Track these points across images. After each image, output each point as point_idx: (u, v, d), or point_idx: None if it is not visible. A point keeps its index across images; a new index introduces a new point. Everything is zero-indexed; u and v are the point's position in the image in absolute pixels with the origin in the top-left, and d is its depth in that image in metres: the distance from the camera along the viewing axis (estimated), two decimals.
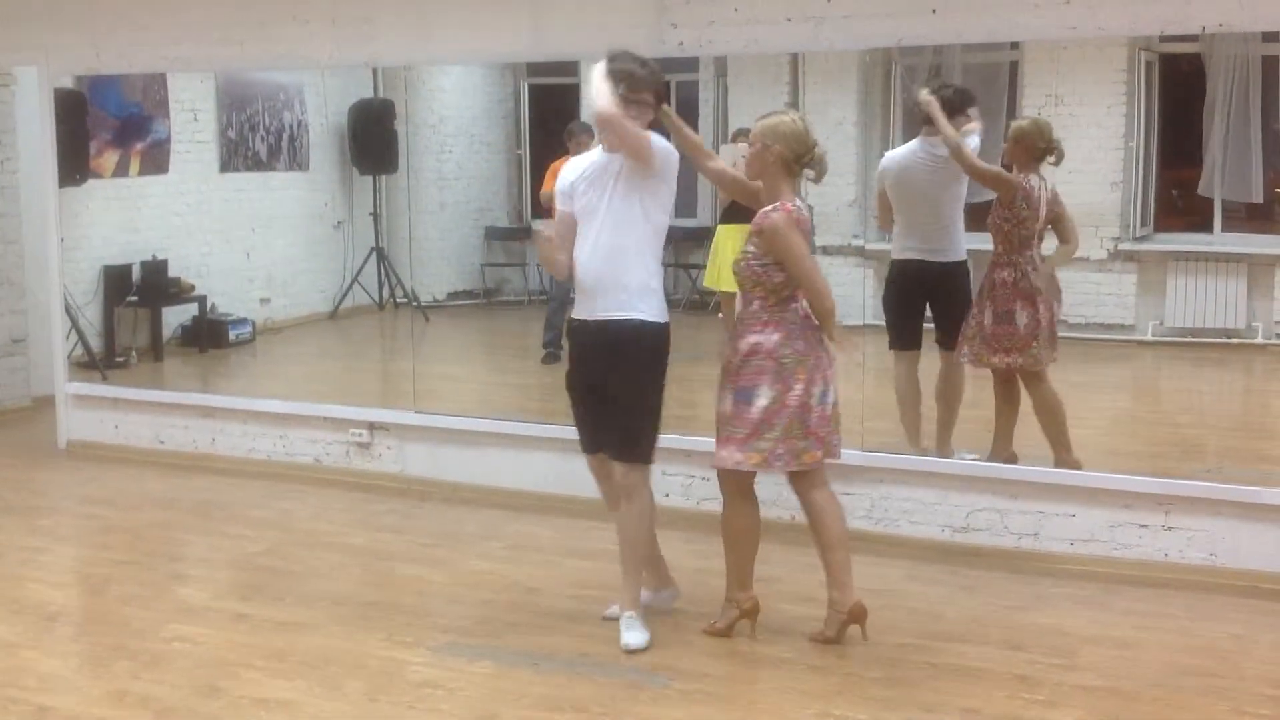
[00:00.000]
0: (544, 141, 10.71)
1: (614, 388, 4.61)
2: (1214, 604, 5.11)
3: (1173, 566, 5.37)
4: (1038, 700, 4.20)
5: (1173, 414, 8.00)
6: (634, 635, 4.64)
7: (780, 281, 4.54)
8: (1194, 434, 7.35)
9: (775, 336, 4.53)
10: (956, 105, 6.07)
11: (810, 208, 4.70)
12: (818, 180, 4.67)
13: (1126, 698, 4.22)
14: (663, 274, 4.72)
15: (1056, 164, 5.98)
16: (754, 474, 4.65)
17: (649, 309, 4.61)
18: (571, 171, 4.74)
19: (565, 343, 4.93)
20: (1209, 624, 4.91)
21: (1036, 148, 5.91)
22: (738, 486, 4.66)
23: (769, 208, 4.57)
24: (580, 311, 4.69)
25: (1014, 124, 6.06)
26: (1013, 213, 5.93)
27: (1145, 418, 7.95)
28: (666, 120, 4.75)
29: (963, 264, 6.33)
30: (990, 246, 6.07)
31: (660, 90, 4.64)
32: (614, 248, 4.57)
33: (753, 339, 4.56)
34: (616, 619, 4.74)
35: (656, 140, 4.56)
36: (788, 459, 4.54)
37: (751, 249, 4.59)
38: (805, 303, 4.59)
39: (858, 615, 4.59)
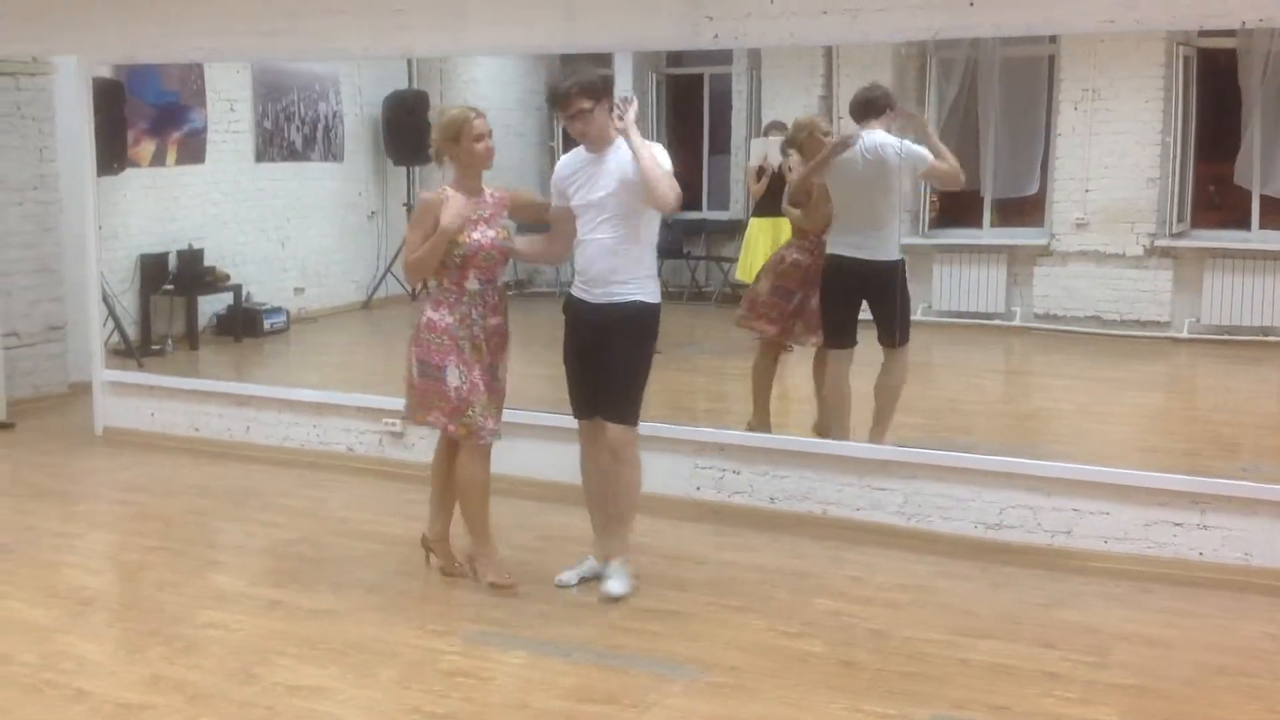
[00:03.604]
0: None
1: (609, 357, 4.95)
2: (1248, 603, 5.08)
3: (1207, 565, 5.33)
4: (1069, 698, 4.18)
5: (1208, 412, 7.94)
6: (617, 583, 4.97)
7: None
8: (1230, 432, 7.29)
9: (449, 317, 4.98)
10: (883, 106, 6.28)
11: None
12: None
13: (1159, 696, 4.20)
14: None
15: None
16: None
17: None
18: (565, 168, 5.03)
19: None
20: (1243, 623, 4.88)
21: (821, 137, 6.45)
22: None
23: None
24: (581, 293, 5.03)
25: (797, 121, 6.61)
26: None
27: (1181, 415, 7.90)
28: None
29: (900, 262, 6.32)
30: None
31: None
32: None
33: (429, 314, 4.99)
34: (569, 586, 5.11)
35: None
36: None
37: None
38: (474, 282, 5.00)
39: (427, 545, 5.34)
